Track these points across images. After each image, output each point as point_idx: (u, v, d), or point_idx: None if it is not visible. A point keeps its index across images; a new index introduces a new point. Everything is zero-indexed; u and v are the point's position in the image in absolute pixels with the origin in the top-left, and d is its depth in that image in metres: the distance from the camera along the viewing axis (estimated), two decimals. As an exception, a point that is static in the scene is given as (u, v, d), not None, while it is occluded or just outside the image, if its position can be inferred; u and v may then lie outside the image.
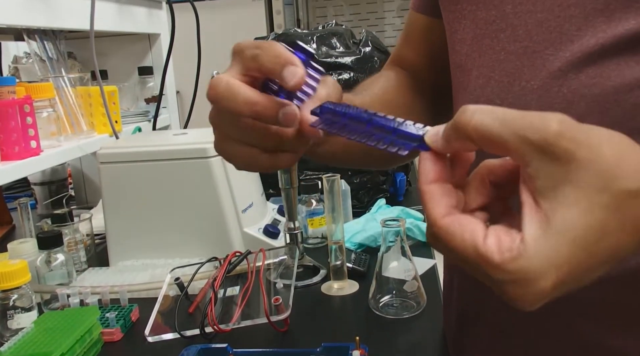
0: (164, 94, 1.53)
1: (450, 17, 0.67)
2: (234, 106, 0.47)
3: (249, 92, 0.47)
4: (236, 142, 0.51)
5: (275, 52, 0.45)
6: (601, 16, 0.52)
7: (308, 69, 0.48)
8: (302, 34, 1.45)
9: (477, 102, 0.61)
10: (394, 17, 4.00)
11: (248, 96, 0.47)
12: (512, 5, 0.58)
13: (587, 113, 0.52)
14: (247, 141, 0.50)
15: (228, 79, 0.47)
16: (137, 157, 1.04)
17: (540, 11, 0.56)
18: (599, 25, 0.52)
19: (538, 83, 0.55)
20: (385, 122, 0.43)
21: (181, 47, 1.54)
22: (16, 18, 1.07)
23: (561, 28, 0.54)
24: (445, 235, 0.38)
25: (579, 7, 0.53)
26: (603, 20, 0.52)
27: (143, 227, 1.06)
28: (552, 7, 0.55)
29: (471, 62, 0.63)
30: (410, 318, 0.83)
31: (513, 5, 0.58)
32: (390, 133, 0.42)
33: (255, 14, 3.37)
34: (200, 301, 0.87)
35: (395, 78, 0.82)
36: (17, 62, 1.58)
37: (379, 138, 0.42)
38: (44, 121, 1.11)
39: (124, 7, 1.44)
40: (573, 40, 0.54)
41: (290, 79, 0.44)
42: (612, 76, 0.51)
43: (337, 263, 0.94)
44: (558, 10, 0.55)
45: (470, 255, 0.37)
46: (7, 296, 0.81)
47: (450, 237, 0.38)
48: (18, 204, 1.16)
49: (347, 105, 0.46)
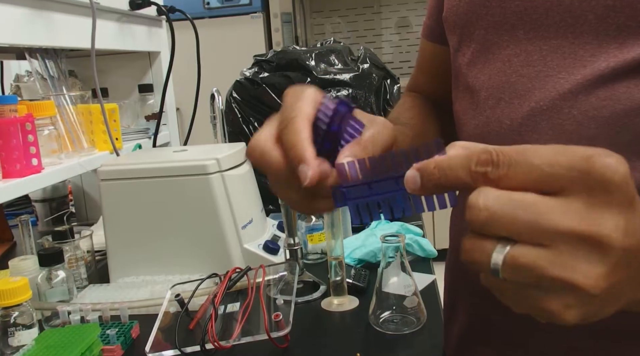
0: (164, 111, 1.54)
1: (457, 40, 0.68)
2: (268, 171, 0.49)
3: (276, 161, 0.48)
4: (281, 185, 0.51)
5: (291, 141, 0.46)
6: (614, 43, 0.53)
7: (350, 120, 0.48)
8: (300, 51, 1.47)
9: (487, 123, 0.61)
10: (391, 34, 4.03)
11: (277, 166, 0.48)
12: (524, 31, 0.59)
13: (596, 135, 0.53)
14: (287, 187, 0.51)
15: (263, 147, 0.48)
16: (137, 174, 1.05)
17: (555, 37, 0.56)
18: (612, 51, 0.53)
19: (548, 104, 0.56)
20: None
21: (181, 64, 1.55)
22: (18, 37, 1.08)
23: (575, 54, 0.55)
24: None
25: (592, 33, 0.54)
26: (616, 46, 0.53)
27: (143, 244, 1.06)
28: (566, 33, 0.56)
29: (480, 84, 0.63)
30: (411, 334, 0.83)
31: (525, 31, 0.59)
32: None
33: (254, 32, 3.39)
34: (200, 318, 0.87)
35: (417, 103, 0.84)
36: (19, 80, 1.59)
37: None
38: (45, 139, 1.12)
39: (124, 25, 1.45)
40: (586, 65, 0.54)
41: (303, 179, 0.44)
42: (621, 99, 0.52)
43: (337, 279, 0.94)
44: (572, 36, 0.55)
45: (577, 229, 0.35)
46: (8, 314, 0.81)
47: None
48: (19, 221, 1.16)
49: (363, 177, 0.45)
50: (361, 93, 1.38)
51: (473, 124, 0.64)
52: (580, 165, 0.34)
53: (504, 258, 0.35)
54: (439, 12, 0.74)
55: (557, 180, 0.35)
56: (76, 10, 1.23)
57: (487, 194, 0.36)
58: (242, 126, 1.46)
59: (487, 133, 0.61)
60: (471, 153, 0.37)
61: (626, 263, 0.35)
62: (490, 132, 0.61)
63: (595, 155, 0.34)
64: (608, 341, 0.58)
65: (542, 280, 0.35)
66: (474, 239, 0.37)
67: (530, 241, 0.35)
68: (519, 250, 0.35)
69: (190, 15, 1.57)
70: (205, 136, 1.51)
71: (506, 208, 0.35)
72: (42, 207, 1.54)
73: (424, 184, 0.39)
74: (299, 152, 0.45)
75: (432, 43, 0.80)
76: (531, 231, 0.35)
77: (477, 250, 0.37)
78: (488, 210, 0.35)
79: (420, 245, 1.14)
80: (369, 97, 1.40)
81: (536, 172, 0.35)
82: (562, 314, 0.36)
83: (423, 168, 0.39)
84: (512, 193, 0.35)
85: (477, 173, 0.37)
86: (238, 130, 1.47)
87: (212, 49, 2.70)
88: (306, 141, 0.45)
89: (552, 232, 0.34)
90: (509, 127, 0.59)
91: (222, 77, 1.98)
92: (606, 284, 0.35)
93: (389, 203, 0.43)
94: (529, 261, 0.35)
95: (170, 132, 1.70)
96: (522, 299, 0.37)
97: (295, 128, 0.46)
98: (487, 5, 0.62)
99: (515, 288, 0.37)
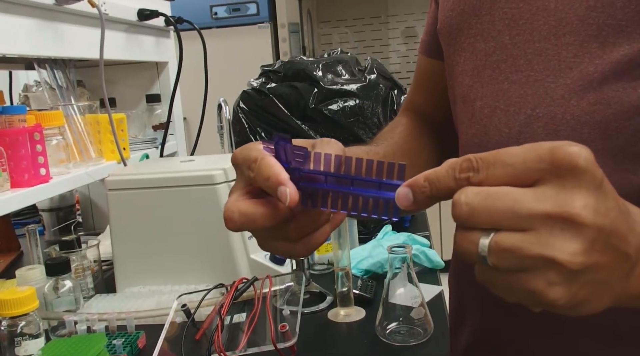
0: (171, 121, 1.55)
1: (450, 50, 0.69)
2: (254, 227, 0.51)
3: (259, 212, 0.49)
4: (271, 240, 0.53)
5: (265, 174, 0.48)
6: (595, 42, 0.54)
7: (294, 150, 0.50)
8: (307, 61, 1.47)
9: (485, 132, 0.62)
10: (398, 44, 4.03)
11: (262, 217, 0.50)
12: (510, 36, 0.60)
13: (590, 140, 0.53)
14: (278, 238, 0.52)
15: (238, 207, 0.50)
16: (144, 184, 1.05)
17: (538, 40, 0.58)
18: (594, 51, 0.54)
19: (543, 110, 0.57)
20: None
21: (188, 74, 1.56)
22: (28, 48, 1.09)
23: (558, 56, 0.56)
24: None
25: (573, 34, 0.55)
26: (597, 46, 0.54)
27: (150, 254, 1.06)
28: (548, 36, 0.57)
29: (474, 93, 0.64)
30: (417, 346, 0.83)
31: (510, 37, 0.60)
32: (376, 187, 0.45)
33: (261, 42, 3.41)
34: (206, 328, 0.87)
35: (410, 124, 0.84)
36: (28, 90, 1.60)
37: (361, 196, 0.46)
38: (53, 149, 1.12)
39: (132, 36, 1.46)
40: (572, 67, 0.55)
41: (284, 199, 0.47)
42: (612, 103, 0.53)
43: (344, 290, 0.94)
44: (554, 39, 0.56)
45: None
46: (14, 323, 0.81)
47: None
48: (27, 230, 1.17)
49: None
50: (368, 103, 1.38)
51: (470, 133, 0.65)
52: (547, 157, 0.38)
53: (489, 244, 0.39)
54: (435, 27, 0.75)
55: (530, 173, 0.38)
56: (85, 21, 1.24)
57: (467, 192, 0.39)
58: (249, 136, 1.46)
59: (486, 141, 0.62)
60: (454, 162, 0.41)
61: (603, 242, 0.38)
62: (490, 140, 0.61)
63: (558, 146, 0.38)
64: (618, 348, 0.57)
65: (525, 260, 0.38)
66: (463, 232, 0.40)
67: (510, 228, 0.38)
68: (501, 236, 0.38)
69: (198, 25, 1.58)
70: (212, 146, 1.51)
71: (484, 202, 0.39)
72: (49, 217, 1.55)
73: (416, 198, 0.43)
74: (276, 179, 0.47)
75: (429, 58, 0.81)
76: (509, 219, 0.38)
77: (465, 240, 0.40)
78: (469, 204, 0.39)
79: (427, 256, 1.13)
80: (376, 108, 1.40)
81: (511, 170, 0.39)
82: (547, 292, 0.38)
83: (414, 183, 0.42)
84: (490, 189, 0.39)
85: (462, 180, 0.40)
86: (245, 140, 1.47)
87: (220, 59, 2.71)
88: (280, 169, 0.48)
89: (527, 216, 0.38)
90: (507, 135, 0.59)
91: (229, 87, 1.98)
92: (584, 260, 0.37)
93: (339, 198, 0.47)
94: (511, 244, 0.38)
95: (177, 141, 1.70)
96: (511, 286, 0.40)
97: (266, 164, 0.48)
98: (477, 14, 0.63)
99: (503, 275, 0.40)
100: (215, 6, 3.40)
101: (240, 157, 0.52)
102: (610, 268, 0.39)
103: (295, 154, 0.50)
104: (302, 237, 0.51)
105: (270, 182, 0.48)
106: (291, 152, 0.49)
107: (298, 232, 0.51)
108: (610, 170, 0.52)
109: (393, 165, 0.44)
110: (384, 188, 0.45)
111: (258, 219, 0.49)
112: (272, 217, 0.49)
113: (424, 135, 0.83)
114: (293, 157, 0.50)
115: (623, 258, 0.40)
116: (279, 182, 0.47)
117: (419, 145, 0.81)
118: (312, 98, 1.38)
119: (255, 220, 0.49)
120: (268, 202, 0.50)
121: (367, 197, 0.46)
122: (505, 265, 0.39)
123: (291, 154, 0.49)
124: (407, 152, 0.78)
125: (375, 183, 0.45)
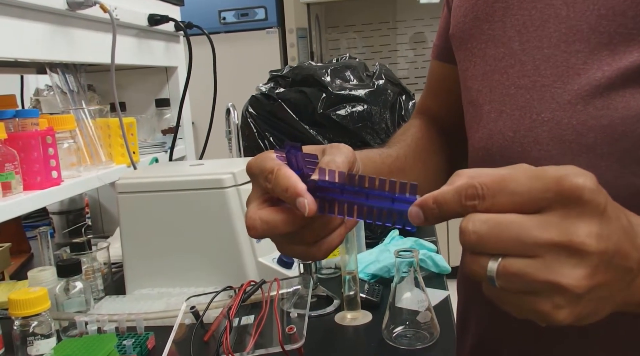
0: (180, 126, 1.56)
1: (462, 55, 0.70)
2: (275, 233, 0.53)
3: (280, 219, 0.51)
4: (289, 244, 0.55)
5: (283, 186, 0.50)
6: (605, 50, 0.54)
7: (305, 158, 0.52)
8: (316, 66, 1.48)
9: (490, 135, 0.63)
10: (407, 50, 4.04)
11: (283, 223, 0.51)
12: (520, 42, 0.61)
13: (596, 144, 0.54)
14: (295, 242, 0.54)
15: (259, 216, 0.52)
16: (154, 187, 1.06)
17: (547, 47, 0.58)
18: (604, 58, 0.54)
19: (549, 115, 0.57)
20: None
21: (197, 79, 1.57)
22: (40, 53, 1.10)
23: (567, 62, 0.57)
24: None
25: (583, 42, 0.56)
26: (607, 54, 0.54)
27: (159, 256, 1.07)
28: (558, 43, 0.57)
29: (482, 97, 0.65)
30: (424, 349, 0.83)
31: (520, 43, 0.61)
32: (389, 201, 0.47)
33: (269, 47, 3.42)
34: (215, 330, 0.88)
35: (423, 127, 0.85)
36: (39, 94, 1.61)
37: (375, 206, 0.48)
38: (64, 152, 1.14)
39: (142, 41, 1.48)
40: (580, 74, 0.56)
41: (302, 210, 0.49)
42: (619, 108, 0.53)
43: (351, 294, 0.94)
44: (564, 45, 0.57)
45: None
46: (27, 323, 0.82)
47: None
48: (38, 233, 1.18)
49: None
50: (376, 109, 1.39)
51: (477, 137, 0.66)
52: (553, 187, 0.39)
53: (497, 269, 0.40)
54: (447, 32, 0.75)
55: (536, 203, 0.40)
56: (96, 26, 1.26)
57: (474, 220, 0.41)
58: (258, 141, 1.47)
59: (490, 145, 0.63)
60: (459, 188, 0.42)
61: (606, 264, 0.39)
62: (494, 144, 0.62)
63: (564, 177, 0.39)
64: (622, 353, 0.58)
65: (532, 284, 0.39)
66: (471, 255, 0.42)
67: (517, 254, 0.40)
68: (508, 261, 0.40)
69: (207, 30, 1.59)
70: (220, 150, 1.52)
71: (492, 231, 0.40)
72: (60, 219, 1.57)
73: (427, 217, 0.44)
74: (294, 190, 0.49)
75: (442, 62, 0.82)
76: (516, 246, 0.40)
77: (474, 264, 0.41)
78: (476, 233, 0.40)
79: (434, 261, 1.14)
80: (384, 113, 1.41)
81: (517, 198, 0.40)
82: (554, 314, 0.40)
83: (423, 204, 0.44)
84: (497, 216, 0.40)
85: (468, 207, 0.41)
86: (253, 145, 1.48)
87: (228, 64, 2.72)
88: (296, 180, 0.50)
89: (534, 244, 0.39)
90: (512, 139, 0.60)
91: (238, 91, 2.00)
92: (589, 283, 0.39)
93: (355, 208, 0.49)
94: (518, 269, 0.39)
95: (186, 146, 1.72)
96: (519, 304, 0.41)
97: (283, 175, 0.50)
98: (490, 20, 0.64)
99: (512, 295, 0.41)
100: (223, 11, 3.42)
101: (256, 168, 0.53)
102: (613, 284, 0.41)
103: (307, 162, 0.52)
104: (317, 241, 0.53)
105: (288, 193, 0.49)
106: (302, 159, 0.51)
107: (314, 235, 0.53)
108: (616, 173, 0.52)
109: (405, 184, 0.46)
110: (397, 202, 0.47)
111: (279, 226, 0.51)
112: (292, 223, 0.51)
113: (435, 138, 0.84)
114: (304, 164, 0.51)
115: (625, 273, 0.41)
116: (297, 193, 0.49)
117: (431, 147, 0.82)
118: (320, 103, 1.39)
119: (277, 227, 0.51)
120: (287, 209, 0.51)
121: (380, 209, 0.48)
122: (512, 288, 0.40)
123: (302, 162, 0.51)
124: (419, 154, 0.79)
125: (388, 198, 0.47)
